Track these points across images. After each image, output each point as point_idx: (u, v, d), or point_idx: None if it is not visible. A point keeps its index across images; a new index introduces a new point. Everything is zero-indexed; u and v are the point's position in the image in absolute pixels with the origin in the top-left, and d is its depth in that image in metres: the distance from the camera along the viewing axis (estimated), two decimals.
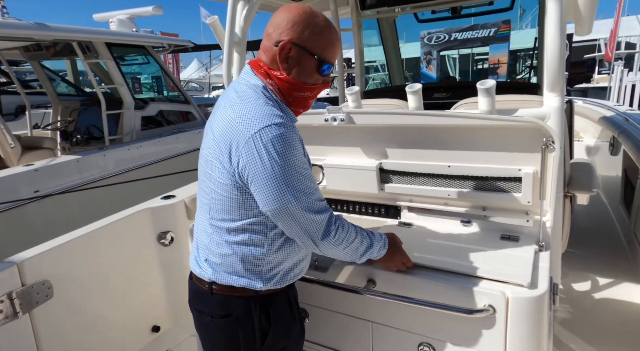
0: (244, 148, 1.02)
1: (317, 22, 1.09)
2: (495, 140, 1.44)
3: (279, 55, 1.08)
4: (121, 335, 1.65)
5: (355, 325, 1.51)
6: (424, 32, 10.85)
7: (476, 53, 14.93)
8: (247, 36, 2.20)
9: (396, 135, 1.65)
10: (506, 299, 1.20)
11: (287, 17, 1.08)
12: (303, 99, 1.16)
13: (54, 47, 5.15)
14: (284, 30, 1.07)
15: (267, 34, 1.11)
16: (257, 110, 1.05)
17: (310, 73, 1.11)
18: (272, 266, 1.20)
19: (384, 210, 1.83)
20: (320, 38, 1.09)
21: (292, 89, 1.12)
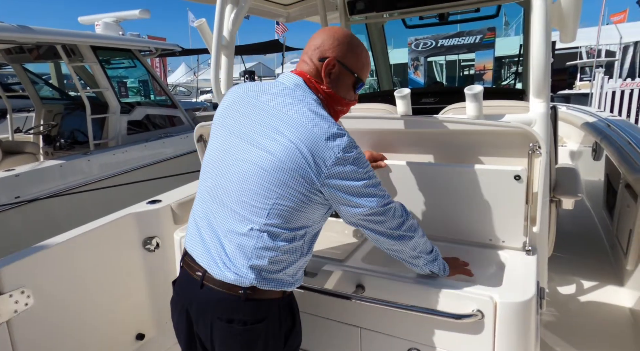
0: (333, 165, 1.09)
1: (357, 44, 1.22)
2: (482, 145, 1.45)
3: (324, 69, 1.18)
4: (104, 343, 1.60)
5: (343, 330, 1.50)
6: (411, 38, 10.99)
7: (462, 59, 15.19)
8: (235, 40, 2.19)
9: (384, 139, 1.65)
10: (494, 304, 1.20)
11: (332, 37, 1.19)
12: (340, 112, 1.27)
13: (37, 49, 5.05)
14: (329, 48, 1.18)
15: (310, 49, 1.21)
16: (336, 125, 1.13)
17: (347, 89, 1.23)
18: (298, 268, 1.23)
19: None
20: (359, 58, 1.22)
21: (334, 102, 1.22)
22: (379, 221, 1.16)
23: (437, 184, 1.53)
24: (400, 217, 1.20)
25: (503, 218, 1.45)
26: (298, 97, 1.16)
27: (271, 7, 3.36)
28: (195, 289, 1.19)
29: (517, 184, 1.36)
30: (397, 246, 1.22)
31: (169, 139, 5.58)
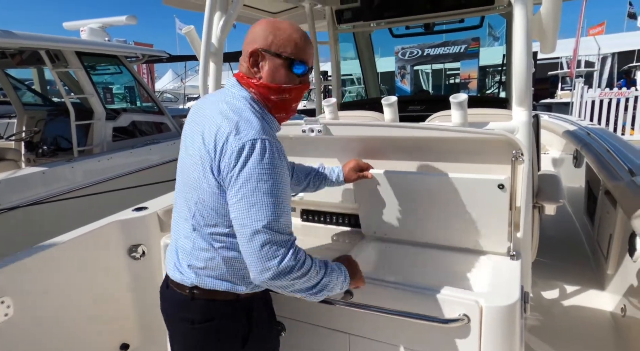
0: (234, 158, 1.05)
1: (279, 26, 1.17)
2: (467, 152, 1.48)
3: (249, 62, 1.16)
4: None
5: (332, 337, 1.49)
6: (398, 47, 11.14)
7: (448, 68, 15.46)
8: (223, 47, 2.20)
9: (373, 146, 1.67)
10: (480, 308, 1.22)
11: (254, 30, 1.18)
12: (283, 102, 1.20)
13: (20, 55, 4.97)
14: (250, 42, 1.17)
15: (243, 50, 1.19)
16: (250, 123, 1.10)
17: (281, 74, 1.16)
18: (237, 267, 1.20)
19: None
20: (282, 38, 1.15)
21: (269, 92, 1.17)
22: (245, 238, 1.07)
23: (422, 193, 1.55)
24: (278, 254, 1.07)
25: (488, 224, 1.47)
26: (227, 96, 1.18)
27: (259, 15, 3.38)
28: (164, 291, 1.29)
29: (501, 193, 1.39)
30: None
31: (155, 145, 5.52)
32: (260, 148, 1.05)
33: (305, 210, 1.97)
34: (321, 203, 1.90)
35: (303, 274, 1.08)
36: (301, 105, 18.52)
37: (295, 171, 1.64)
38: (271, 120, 1.21)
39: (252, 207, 1.03)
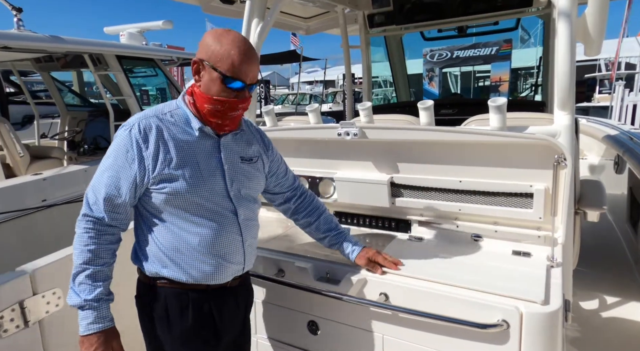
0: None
1: (223, 40, 1.20)
2: (506, 156, 1.47)
3: (192, 70, 1.24)
4: (134, 342, 1.64)
5: (366, 338, 1.51)
6: (426, 50, 11.06)
7: (477, 71, 15.12)
8: (260, 52, 2.26)
9: (408, 150, 1.68)
10: (520, 314, 1.20)
11: (203, 39, 1.23)
12: (218, 112, 1.25)
13: (65, 58, 5.24)
14: (199, 50, 1.23)
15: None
16: (135, 117, 1.26)
17: (213, 86, 1.21)
18: (162, 255, 1.29)
19: (394, 224, 1.84)
20: (221, 53, 1.19)
21: (203, 101, 1.24)
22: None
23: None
24: (84, 224, 1.24)
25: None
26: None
27: (291, 20, 3.44)
28: None
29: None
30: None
31: None
32: (121, 133, 1.23)
33: (339, 212, 1.99)
34: (355, 206, 1.91)
35: (75, 250, 1.24)
36: (326, 107, 18.56)
37: (321, 219, 1.59)
38: (190, 118, 1.29)
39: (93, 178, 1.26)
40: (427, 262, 1.52)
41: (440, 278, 1.39)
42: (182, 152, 1.25)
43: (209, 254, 1.29)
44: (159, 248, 1.28)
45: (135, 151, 1.20)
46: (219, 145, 1.32)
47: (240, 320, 1.47)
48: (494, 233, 1.59)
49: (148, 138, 1.21)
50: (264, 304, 1.75)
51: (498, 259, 1.50)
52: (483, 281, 1.34)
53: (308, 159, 1.95)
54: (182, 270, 1.28)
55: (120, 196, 1.22)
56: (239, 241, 1.35)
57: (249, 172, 1.40)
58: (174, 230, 1.27)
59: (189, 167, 1.25)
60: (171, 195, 1.23)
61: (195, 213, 1.27)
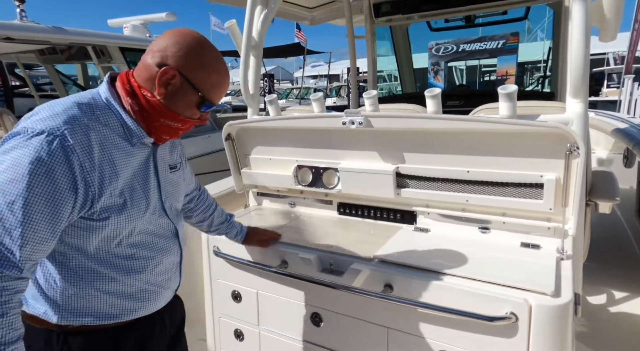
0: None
1: (212, 58, 1.02)
2: (516, 145, 1.43)
3: (159, 78, 0.98)
4: None
5: (370, 330, 1.48)
6: (432, 43, 11.01)
7: (483, 65, 15.03)
8: (263, 41, 2.22)
9: (414, 139, 1.64)
10: (529, 307, 1.17)
11: (179, 44, 0.99)
12: (171, 128, 1.07)
13: (69, 50, 5.23)
14: (172, 55, 0.98)
15: (152, 50, 1.01)
16: (53, 106, 0.93)
17: (188, 107, 1.03)
18: (67, 295, 1.01)
19: (399, 215, 1.81)
20: (210, 76, 1.02)
21: (160, 115, 1.03)
22: None
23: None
24: None
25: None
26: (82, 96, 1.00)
27: (296, 10, 3.39)
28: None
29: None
30: None
31: (190, 139, 5.67)
32: (15, 144, 0.87)
33: (342, 204, 1.96)
34: (359, 196, 1.88)
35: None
36: (330, 101, 18.47)
37: (214, 214, 1.55)
38: (133, 128, 1.03)
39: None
40: (433, 253, 1.49)
41: (447, 269, 1.36)
42: (123, 170, 1.00)
43: (148, 285, 1.11)
44: (76, 293, 1.02)
45: (76, 171, 0.89)
46: (154, 156, 1.11)
47: (170, 338, 1.27)
48: (502, 224, 1.56)
49: (91, 152, 0.92)
50: (267, 296, 1.73)
51: (506, 251, 1.46)
52: (491, 273, 1.31)
53: (312, 149, 1.92)
54: (106, 312, 1.05)
55: (48, 238, 0.89)
56: (177, 263, 1.21)
57: (176, 182, 1.22)
58: (97, 270, 1.02)
59: (134, 188, 1.03)
60: (115, 222, 0.99)
61: (136, 241, 1.06)
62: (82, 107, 0.96)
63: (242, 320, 1.84)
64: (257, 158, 2.08)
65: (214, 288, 1.91)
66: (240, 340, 1.85)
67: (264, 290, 1.73)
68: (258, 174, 2.08)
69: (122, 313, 1.08)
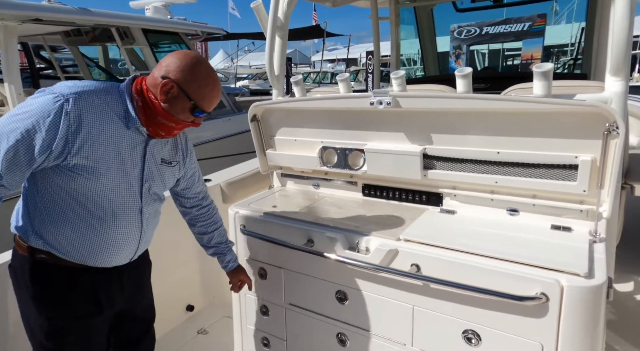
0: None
1: (203, 73, 1.27)
2: (550, 126, 1.40)
3: (161, 88, 1.24)
4: (157, 312, 1.70)
5: (395, 308, 1.51)
6: (454, 26, 10.69)
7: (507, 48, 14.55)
8: (289, 22, 2.20)
9: (442, 120, 1.62)
10: (561, 287, 1.17)
11: (180, 61, 1.25)
12: (167, 126, 1.31)
13: (93, 32, 5.30)
14: (172, 70, 1.24)
15: (160, 65, 1.28)
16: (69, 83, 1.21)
17: (182, 111, 1.27)
18: (41, 222, 1.25)
19: (425, 197, 1.81)
20: (200, 88, 1.26)
21: (159, 114, 1.27)
22: None
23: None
24: None
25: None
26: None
27: None
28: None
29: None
30: None
31: (210, 122, 5.73)
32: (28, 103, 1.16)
33: (367, 185, 1.97)
34: (385, 178, 1.88)
35: None
36: None
37: (215, 233, 1.72)
38: (132, 114, 1.27)
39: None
40: (459, 234, 1.49)
41: (474, 249, 1.35)
42: (109, 145, 1.23)
43: (100, 242, 1.29)
44: (47, 222, 1.24)
45: (62, 127, 1.13)
46: (146, 145, 1.34)
47: (129, 294, 1.46)
48: (532, 206, 1.54)
49: (81, 120, 1.16)
50: (292, 273, 1.77)
51: (536, 233, 1.45)
52: (520, 253, 1.30)
53: (337, 130, 1.92)
54: (66, 250, 1.26)
55: (27, 156, 1.12)
56: (137, 236, 1.37)
57: (164, 174, 1.44)
58: (68, 212, 1.24)
59: (111, 161, 1.24)
60: (84, 180, 1.21)
61: (100, 204, 1.26)
62: (98, 88, 1.24)
63: (268, 296, 1.89)
64: (282, 139, 2.10)
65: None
66: (266, 316, 1.90)
67: (289, 268, 1.77)
68: (283, 155, 2.10)
69: (76, 256, 1.28)
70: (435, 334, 1.44)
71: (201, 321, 2.62)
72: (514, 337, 1.28)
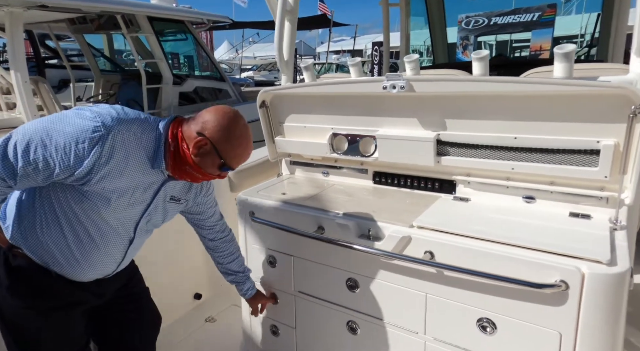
0: None
1: (237, 134, 1.28)
2: (571, 109, 1.35)
3: (195, 143, 1.25)
4: (165, 300, 1.68)
5: (407, 296, 1.48)
6: (461, 16, 10.54)
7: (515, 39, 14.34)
8: (298, 6, 2.15)
9: (457, 105, 1.58)
10: (582, 275, 1.13)
11: (216, 119, 1.26)
12: (192, 176, 1.32)
13: (99, 20, 5.25)
14: (209, 128, 1.25)
15: (198, 119, 1.29)
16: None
17: (211, 167, 1.30)
18: (28, 225, 1.24)
19: (438, 184, 1.77)
20: (233, 149, 1.29)
21: (187, 164, 1.28)
22: None
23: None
24: None
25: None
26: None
27: None
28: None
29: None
30: None
31: None
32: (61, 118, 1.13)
33: (378, 172, 1.93)
34: (397, 165, 1.85)
35: None
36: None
37: (232, 263, 1.75)
38: (159, 157, 1.26)
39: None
40: (475, 221, 1.46)
41: (490, 236, 1.32)
42: (128, 181, 1.23)
43: (81, 261, 1.28)
44: (37, 227, 1.23)
45: (92, 158, 1.11)
46: (162, 184, 1.34)
47: (111, 290, 1.46)
48: (549, 194, 1.50)
49: (112, 155, 1.15)
50: (302, 261, 1.75)
51: (554, 220, 1.41)
52: (538, 240, 1.27)
53: (348, 116, 1.88)
54: (45, 260, 1.25)
55: (46, 173, 1.11)
56: (118, 260, 1.38)
57: (168, 210, 1.44)
58: (63, 222, 1.22)
59: (125, 194, 1.24)
60: (92, 204, 1.20)
61: (99, 226, 1.26)
62: (139, 124, 1.23)
63: (277, 284, 1.87)
64: (291, 126, 2.06)
65: (249, 253, 1.94)
66: (275, 304, 1.89)
67: (299, 255, 1.75)
68: (292, 142, 2.07)
69: (55, 267, 1.27)
70: (448, 322, 1.41)
71: (209, 309, 2.62)
72: (530, 326, 1.25)
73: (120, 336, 1.53)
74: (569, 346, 1.19)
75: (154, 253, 1.86)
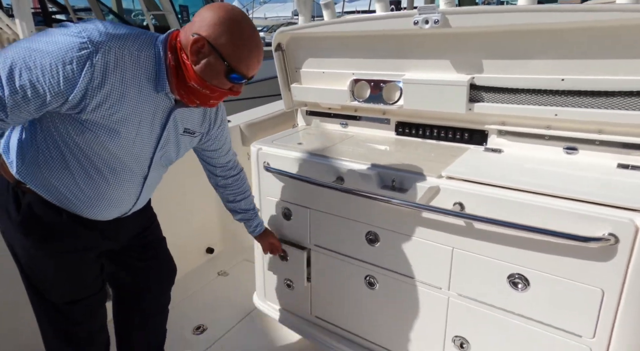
0: None
1: (241, 32, 1.07)
2: (634, 43, 1.18)
3: (191, 46, 1.05)
4: (177, 254, 1.63)
5: (431, 250, 1.39)
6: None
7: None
8: None
9: (497, 43, 1.41)
10: (635, 228, 1.02)
11: (214, 14, 1.05)
12: (201, 94, 1.13)
13: None
14: (204, 25, 1.05)
15: (193, 19, 1.10)
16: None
17: (216, 75, 1.09)
18: (31, 159, 1.13)
19: (467, 135, 1.63)
20: (237, 49, 1.07)
21: (190, 78, 1.09)
22: None
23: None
24: None
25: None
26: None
27: None
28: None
29: None
30: None
31: None
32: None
33: (402, 123, 1.80)
34: (423, 114, 1.70)
35: None
36: None
37: (242, 202, 1.65)
38: (161, 78, 1.10)
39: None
40: (510, 171, 1.33)
41: (527, 186, 1.20)
42: (130, 109, 1.09)
43: (93, 198, 1.19)
44: (42, 162, 1.12)
45: (83, 80, 0.97)
46: (170, 111, 1.19)
47: (128, 237, 1.40)
48: (595, 144, 1.36)
49: (105, 77, 1.00)
50: (319, 213, 1.66)
51: (600, 171, 1.28)
52: (583, 190, 1.14)
53: (371, 59, 1.72)
54: (55, 196, 1.16)
55: (37, 101, 0.97)
56: (134, 198, 1.29)
57: (182, 143, 1.31)
58: (69, 157, 1.12)
59: (130, 124, 1.11)
60: (96, 136, 1.08)
61: (107, 160, 1.15)
62: (132, 40, 1.05)
63: (292, 238, 1.80)
64: (308, 72, 1.92)
65: (263, 205, 1.86)
66: (287, 261, 1.82)
67: (316, 207, 1.66)
68: (309, 90, 1.93)
69: (65, 204, 1.18)
70: (475, 278, 1.32)
71: (221, 263, 2.60)
72: (568, 282, 1.15)
73: (137, 283, 1.49)
74: (612, 304, 1.09)
75: (167, 206, 1.80)
